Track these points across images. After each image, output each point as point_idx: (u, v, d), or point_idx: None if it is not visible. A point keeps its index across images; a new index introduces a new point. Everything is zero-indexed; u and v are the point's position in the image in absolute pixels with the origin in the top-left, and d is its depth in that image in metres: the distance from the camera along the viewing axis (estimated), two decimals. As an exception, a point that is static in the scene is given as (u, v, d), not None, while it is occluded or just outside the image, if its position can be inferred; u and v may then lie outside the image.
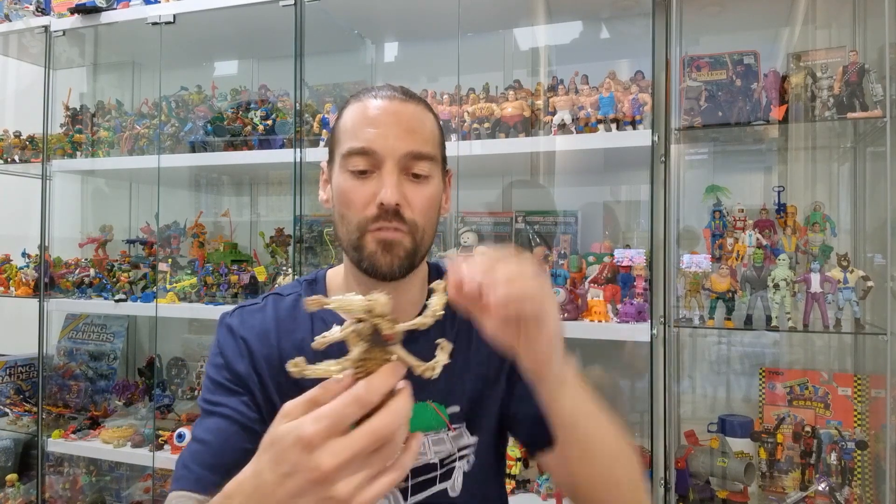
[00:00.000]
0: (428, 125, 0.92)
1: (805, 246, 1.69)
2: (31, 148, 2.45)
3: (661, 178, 1.71)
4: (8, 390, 2.48)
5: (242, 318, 0.97)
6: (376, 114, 0.89)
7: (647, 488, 0.85)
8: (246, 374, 0.91)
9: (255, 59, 2.57)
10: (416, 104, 0.92)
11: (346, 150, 0.89)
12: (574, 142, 1.77)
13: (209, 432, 0.89)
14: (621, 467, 0.81)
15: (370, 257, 0.88)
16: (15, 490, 2.36)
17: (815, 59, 1.68)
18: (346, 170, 0.89)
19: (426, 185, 0.90)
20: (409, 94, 0.94)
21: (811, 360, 1.86)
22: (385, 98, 0.91)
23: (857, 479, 1.64)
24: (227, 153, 2.13)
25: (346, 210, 0.90)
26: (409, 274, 0.91)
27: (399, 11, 2.13)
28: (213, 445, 0.87)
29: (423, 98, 0.95)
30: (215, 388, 0.92)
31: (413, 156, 0.88)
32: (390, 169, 0.87)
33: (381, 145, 0.87)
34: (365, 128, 0.88)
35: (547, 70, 2.14)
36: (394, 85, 0.95)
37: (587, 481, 0.82)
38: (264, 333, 0.95)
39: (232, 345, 0.94)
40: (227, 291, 2.12)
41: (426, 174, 0.90)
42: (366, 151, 0.87)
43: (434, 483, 0.94)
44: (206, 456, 0.87)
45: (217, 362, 0.94)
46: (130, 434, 2.18)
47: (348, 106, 0.94)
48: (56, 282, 2.36)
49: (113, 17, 2.25)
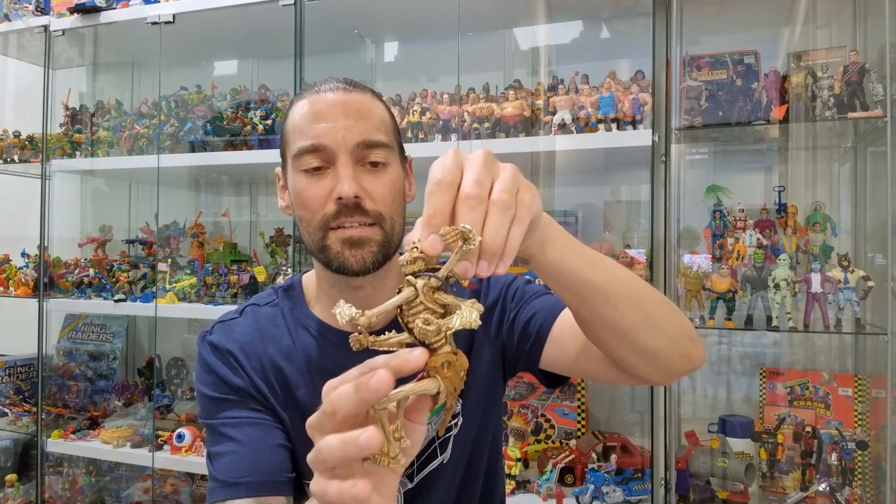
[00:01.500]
0: (377, 112, 0.89)
1: (805, 246, 1.69)
2: (31, 148, 2.45)
3: (662, 177, 1.70)
4: (7, 390, 2.48)
5: (224, 332, 0.95)
6: (322, 108, 0.85)
7: (684, 320, 0.76)
8: (245, 386, 0.90)
9: (254, 59, 2.57)
10: (361, 92, 0.89)
11: (297, 149, 0.85)
12: (574, 142, 1.77)
13: (234, 442, 0.86)
14: (650, 302, 0.72)
15: (337, 257, 0.85)
16: (14, 490, 2.36)
17: (815, 59, 1.68)
18: (300, 170, 0.86)
19: (384, 173, 0.87)
20: (354, 83, 0.90)
21: (812, 360, 1.86)
22: (329, 91, 0.87)
23: (857, 479, 1.63)
24: (226, 153, 2.13)
25: (304, 211, 0.86)
26: (386, 265, 0.88)
27: (399, 11, 2.13)
28: (246, 451, 0.85)
29: (368, 86, 0.92)
30: (219, 404, 0.90)
31: (366, 144, 0.85)
32: (344, 161, 0.83)
33: (332, 139, 0.84)
34: (312, 124, 0.85)
35: (547, 70, 2.14)
36: (337, 77, 0.91)
37: (623, 333, 0.72)
38: (248, 345, 0.93)
39: (221, 361, 0.92)
40: (226, 291, 2.12)
41: (383, 161, 0.86)
42: (316, 148, 0.84)
43: (435, 455, 0.93)
44: (244, 462, 0.84)
45: (210, 380, 0.92)
46: (130, 434, 2.18)
47: (293, 105, 0.90)
48: (55, 282, 2.36)
49: (112, 17, 2.24)
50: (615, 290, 0.69)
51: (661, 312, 0.73)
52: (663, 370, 0.76)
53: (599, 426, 2.00)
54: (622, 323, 0.71)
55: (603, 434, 1.88)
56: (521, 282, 1.00)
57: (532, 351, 0.92)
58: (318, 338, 0.93)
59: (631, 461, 1.77)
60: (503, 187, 0.50)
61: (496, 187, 0.50)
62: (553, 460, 1.79)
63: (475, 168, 0.50)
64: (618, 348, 0.74)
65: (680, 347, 0.75)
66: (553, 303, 0.93)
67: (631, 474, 1.73)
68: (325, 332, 0.94)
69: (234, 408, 0.89)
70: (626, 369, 0.77)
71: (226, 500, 0.83)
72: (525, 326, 0.93)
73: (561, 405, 1.97)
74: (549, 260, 0.65)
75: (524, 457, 1.87)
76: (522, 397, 2.00)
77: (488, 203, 0.49)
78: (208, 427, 0.91)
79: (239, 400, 0.90)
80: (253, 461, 0.84)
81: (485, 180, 0.50)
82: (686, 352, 0.75)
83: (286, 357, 0.92)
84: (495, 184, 0.50)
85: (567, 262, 0.66)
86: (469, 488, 0.98)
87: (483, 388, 0.97)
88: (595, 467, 1.74)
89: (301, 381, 0.91)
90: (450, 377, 0.48)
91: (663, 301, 0.75)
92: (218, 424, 0.89)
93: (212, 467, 0.87)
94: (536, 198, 0.54)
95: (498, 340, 0.97)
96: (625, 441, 1.83)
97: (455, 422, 0.95)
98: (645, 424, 1.89)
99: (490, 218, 0.49)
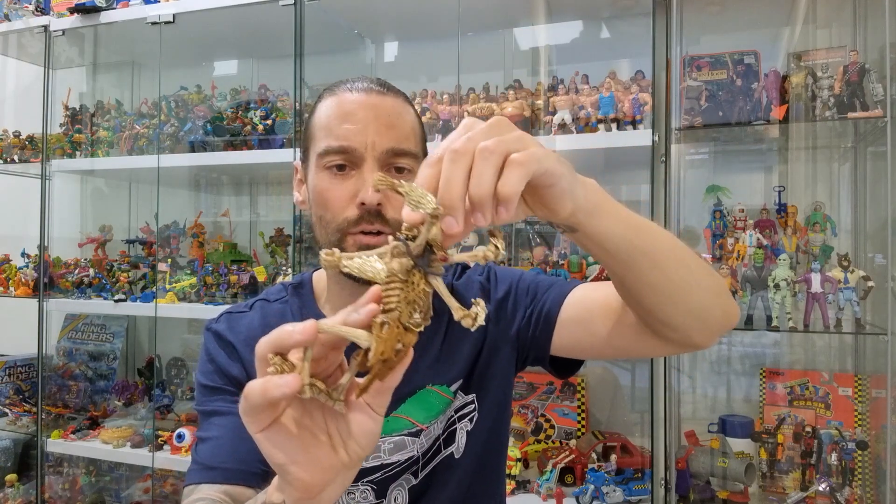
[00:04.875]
0: (408, 119, 0.87)
1: (805, 246, 1.69)
2: (31, 148, 2.45)
3: (662, 177, 1.70)
4: (7, 390, 2.48)
5: (230, 323, 0.94)
6: (353, 108, 0.83)
7: (719, 277, 0.77)
8: (241, 377, 0.90)
9: (254, 59, 2.57)
10: (394, 97, 0.87)
11: (323, 148, 0.83)
12: (574, 142, 1.77)
13: (220, 428, 0.86)
14: (692, 261, 0.72)
15: None
16: (14, 490, 2.36)
17: (815, 59, 1.68)
18: (323, 168, 0.84)
19: (409, 182, 0.87)
20: (388, 86, 0.88)
21: (812, 360, 1.86)
22: (361, 91, 0.85)
23: (857, 479, 1.63)
24: (226, 153, 2.13)
25: (324, 211, 0.85)
26: None
27: (399, 11, 2.13)
28: (228, 438, 0.84)
29: (401, 91, 0.89)
30: (213, 393, 0.90)
31: (394, 153, 0.83)
32: (371, 166, 0.82)
33: (360, 142, 0.82)
34: (341, 124, 0.83)
35: (547, 70, 2.14)
36: (370, 77, 0.88)
37: (671, 295, 0.71)
38: (253, 340, 0.90)
39: (222, 350, 0.91)
40: (226, 291, 2.12)
41: (408, 168, 0.84)
42: (344, 150, 0.82)
43: (440, 450, 0.93)
44: (224, 448, 0.84)
45: (208, 369, 0.91)
46: (130, 434, 2.18)
47: (322, 100, 0.87)
48: (55, 282, 2.36)
49: (112, 17, 2.24)
50: (662, 253, 0.69)
51: (701, 270, 0.73)
52: (708, 328, 0.76)
53: (599, 426, 2.00)
54: (670, 285, 0.70)
55: (603, 434, 1.88)
56: (530, 275, 0.99)
57: (541, 338, 0.92)
58: None
59: (631, 461, 1.77)
60: (485, 136, 0.49)
61: (479, 139, 0.49)
62: (553, 460, 1.79)
63: (470, 128, 0.50)
64: (666, 311, 0.73)
65: (721, 303, 0.76)
66: (561, 288, 0.92)
67: (631, 474, 1.73)
68: None
69: (227, 397, 0.89)
70: (669, 334, 0.76)
71: (200, 482, 0.82)
72: (544, 316, 0.92)
73: (561, 405, 1.97)
74: (597, 230, 0.63)
75: (524, 457, 1.87)
76: (522, 397, 2.00)
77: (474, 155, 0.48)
78: (200, 413, 0.91)
79: (233, 390, 0.89)
80: (234, 449, 0.83)
81: (477, 136, 0.49)
82: (726, 307, 0.76)
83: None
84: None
85: (615, 229, 0.64)
86: (479, 487, 0.97)
87: (500, 385, 0.97)
88: (595, 467, 1.74)
89: None
90: (384, 339, 0.46)
91: (701, 259, 0.75)
92: (209, 412, 0.89)
93: (195, 451, 0.87)
94: (538, 146, 0.52)
95: (512, 334, 0.96)
96: (625, 441, 1.83)
97: (471, 417, 0.94)
98: (645, 424, 1.89)
99: (474, 168, 0.48)
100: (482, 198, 0.48)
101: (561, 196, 0.56)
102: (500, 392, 0.97)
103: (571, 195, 0.56)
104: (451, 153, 0.48)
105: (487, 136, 0.49)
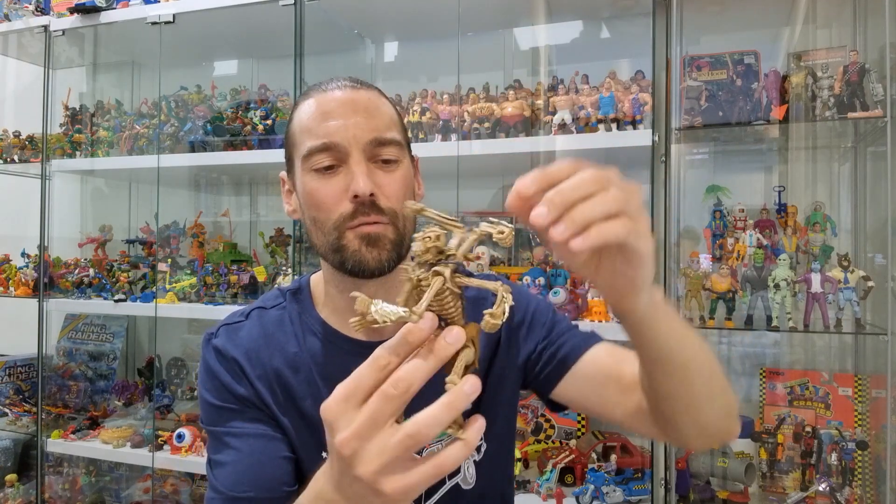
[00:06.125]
0: (386, 110, 0.88)
1: (806, 246, 1.69)
2: (31, 148, 2.45)
3: (662, 178, 1.70)
4: (7, 390, 2.48)
5: (229, 336, 0.92)
6: (331, 106, 0.83)
7: (733, 397, 0.81)
8: (248, 395, 0.88)
9: (254, 59, 2.57)
10: (368, 90, 0.87)
11: (307, 149, 0.83)
12: (574, 142, 1.77)
13: (236, 452, 0.84)
14: (717, 381, 0.76)
15: (354, 255, 0.82)
16: (14, 490, 2.36)
17: (815, 59, 1.68)
18: (310, 170, 0.84)
19: (397, 170, 0.85)
20: (360, 81, 0.89)
21: (812, 360, 1.86)
22: (336, 89, 0.85)
23: (857, 479, 1.63)
24: (226, 153, 2.13)
25: (317, 212, 0.84)
26: (396, 268, 0.85)
27: (399, 11, 2.13)
28: (247, 464, 0.83)
29: (374, 85, 0.90)
30: (223, 413, 0.88)
31: (378, 142, 0.83)
32: (357, 159, 0.82)
33: (343, 136, 0.82)
34: (322, 122, 0.83)
35: (547, 70, 2.14)
36: (341, 76, 0.89)
37: (687, 406, 0.75)
38: (254, 352, 0.90)
39: (225, 368, 0.90)
40: (226, 291, 2.12)
41: (395, 158, 0.85)
42: (328, 146, 0.82)
43: (444, 481, 0.91)
44: (245, 475, 0.83)
45: (214, 386, 0.90)
46: (130, 434, 2.18)
47: (298, 106, 0.88)
48: (55, 282, 2.36)
49: (112, 17, 2.24)
50: (695, 370, 0.72)
51: (721, 391, 0.77)
52: (707, 441, 0.82)
53: (599, 426, 1.99)
54: (691, 400, 0.74)
55: (603, 434, 1.88)
56: (547, 307, 1.00)
57: (550, 378, 0.94)
58: (324, 343, 0.91)
59: (631, 461, 1.77)
60: (622, 186, 0.53)
61: (617, 183, 0.53)
62: (553, 460, 1.79)
63: (614, 174, 0.54)
64: (678, 417, 0.77)
65: (727, 423, 0.80)
66: (583, 338, 0.94)
67: (631, 474, 1.73)
68: (333, 338, 0.92)
69: (238, 417, 0.87)
70: (670, 432, 0.81)
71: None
72: (558, 359, 0.93)
73: (561, 405, 1.97)
74: (649, 334, 0.67)
75: (524, 457, 1.87)
76: (522, 397, 2.00)
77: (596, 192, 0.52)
78: (210, 433, 0.89)
79: (242, 409, 0.88)
80: (254, 475, 0.83)
81: (615, 181, 0.53)
82: (730, 428, 0.81)
83: (292, 367, 0.90)
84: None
85: (665, 340, 0.68)
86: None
87: (507, 414, 0.98)
88: (595, 467, 1.74)
89: (308, 391, 0.89)
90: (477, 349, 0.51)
91: (723, 377, 0.78)
92: (221, 433, 0.87)
93: (212, 475, 0.86)
94: (651, 239, 0.56)
95: (520, 362, 0.96)
96: (625, 441, 1.83)
97: (479, 447, 0.93)
98: (645, 424, 1.89)
99: (599, 194, 0.51)
100: (583, 216, 0.50)
101: (634, 284, 0.59)
102: (507, 421, 0.98)
103: (644, 289, 0.60)
104: (592, 173, 0.52)
105: (624, 189, 0.53)
